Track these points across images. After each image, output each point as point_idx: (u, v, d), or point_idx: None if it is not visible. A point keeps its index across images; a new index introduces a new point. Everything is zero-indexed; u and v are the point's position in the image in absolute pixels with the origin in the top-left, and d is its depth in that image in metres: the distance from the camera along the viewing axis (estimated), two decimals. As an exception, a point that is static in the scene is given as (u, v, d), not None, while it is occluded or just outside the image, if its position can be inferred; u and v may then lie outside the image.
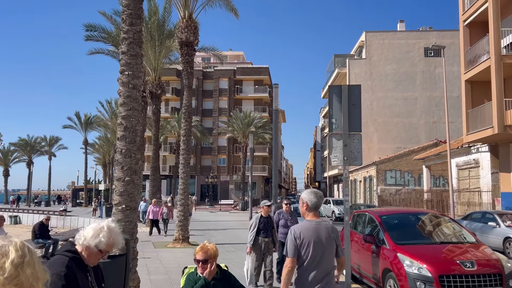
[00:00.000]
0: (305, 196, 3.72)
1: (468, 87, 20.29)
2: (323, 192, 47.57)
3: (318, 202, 3.71)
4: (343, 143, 7.70)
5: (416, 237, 7.44)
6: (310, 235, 3.51)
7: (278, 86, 15.99)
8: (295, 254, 3.50)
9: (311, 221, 3.62)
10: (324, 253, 3.52)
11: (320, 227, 3.59)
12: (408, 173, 35.19)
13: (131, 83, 7.04)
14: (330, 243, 3.57)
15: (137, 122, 7.09)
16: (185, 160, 14.81)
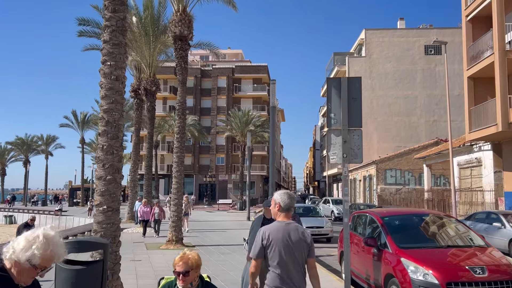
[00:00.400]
0: (278, 196, 3.66)
1: (471, 84, 19.78)
2: (322, 192, 47.29)
3: (291, 203, 3.65)
4: (343, 139, 7.19)
5: (421, 240, 6.93)
6: (279, 236, 3.46)
7: (275, 82, 15.45)
8: (259, 255, 3.46)
9: (281, 222, 3.57)
10: (293, 254, 3.47)
11: (289, 228, 3.53)
12: (408, 172, 34.70)
13: (113, 74, 6.53)
14: (300, 245, 3.51)
15: (120, 117, 6.58)
16: (179, 158, 14.29)
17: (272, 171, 14.90)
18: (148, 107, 21.44)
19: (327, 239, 16.58)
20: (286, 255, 3.44)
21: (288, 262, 3.44)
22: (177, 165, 14.29)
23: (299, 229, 3.59)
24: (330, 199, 33.33)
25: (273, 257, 3.44)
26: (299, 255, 3.49)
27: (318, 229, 16.23)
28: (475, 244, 6.78)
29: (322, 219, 17.23)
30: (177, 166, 14.29)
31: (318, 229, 16.22)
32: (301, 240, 3.51)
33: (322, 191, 75.12)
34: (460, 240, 6.99)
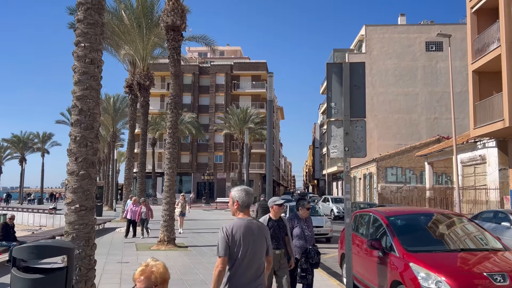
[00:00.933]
0: (236, 194, 3.59)
1: (476, 78, 19.09)
2: (322, 190, 46.50)
3: (249, 200, 3.60)
4: (344, 131, 6.51)
5: (431, 242, 6.24)
6: (243, 233, 3.43)
7: (272, 76, 14.76)
8: (226, 253, 3.39)
9: (243, 219, 3.52)
10: (256, 252, 3.47)
11: (252, 225, 3.52)
12: (409, 170, 34.03)
13: (88, 57, 5.83)
14: (262, 242, 3.54)
15: (96, 105, 5.88)
16: (171, 154, 13.60)
17: (269, 167, 14.22)
18: (142, 103, 20.72)
19: (327, 239, 15.90)
20: (249, 252, 3.41)
21: (250, 259, 3.41)
22: (169, 161, 13.60)
23: (260, 226, 3.58)
24: (329, 197, 32.64)
25: (235, 254, 3.38)
26: (260, 252, 3.50)
27: (317, 228, 15.52)
28: (492, 247, 6.10)
29: (321, 218, 16.54)
30: (169, 163, 13.60)
31: (317, 229, 15.51)
32: (262, 237, 3.54)
33: (322, 190, 74.46)
34: (474, 242, 6.30)
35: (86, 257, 5.62)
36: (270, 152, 14.36)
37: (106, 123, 42.94)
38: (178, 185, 59.30)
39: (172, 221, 13.51)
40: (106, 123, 42.94)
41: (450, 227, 6.75)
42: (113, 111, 40.43)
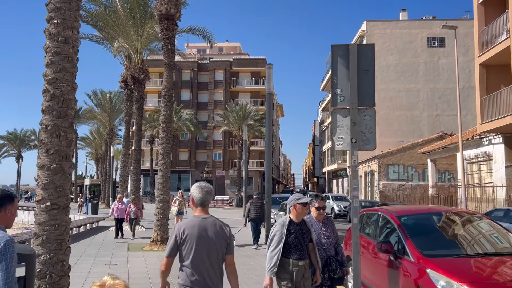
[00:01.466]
0: (191, 190, 3.46)
1: (483, 71, 18.39)
2: (322, 188, 45.81)
3: (205, 197, 3.43)
4: (351, 121, 5.82)
5: (449, 245, 5.56)
6: (195, 232, 3.28)
7: (271, 67, 14.10)
8: (171, 253, 3.28)
9: (197, 217, 3.38)
10: (210, 251, 3.29)
11: (206, 223, 3.35)
12: (411, 167, 33.38)
13: (61, 36, 5.13)
14: (218, 240, 3.34)
15: (70, 90, 5.18)
16: (164, 150, 12.92)
17: (268, 162, 13.59)
18: (137, 97, 20.00)
19: (328, 238, 15.22)
20: (202, 252, 3.25)
21: (204, 260, 3.26)
22: (162, 157, 12.92)
23: (217, 224, 3.39)
24: (330, 195, 32.01)
25: (187, 254, 3.23)
26: (216, 251, 3.32)
27: (319, 227, 14.87)
28: (518, 250, 5.42)
29: (322, 217, 15.86)
30: (162, 158, 12.92)
31: (319, 228, 14.86)
32: (219, 236, 3.34)
33: (322, 187, 73.82)
34: (498, 245, 5.62)
35: (58, 263, 4.94)
36: (269, 147, 13.69)
37: (102, 120, 42.25)
38: (176, 182, 58.66)
39: (165, 220, 12.85)
40: (102, 120, 42.25)
41: (468, 227, 6.06)
42: (110, 108, 39.73)
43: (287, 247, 4.54)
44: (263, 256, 11.07)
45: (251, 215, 12.89)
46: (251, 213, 12.92)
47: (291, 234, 4.56)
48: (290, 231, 4.58)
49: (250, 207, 13.15)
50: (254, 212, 12.87)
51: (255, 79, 57.74)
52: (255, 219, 12.82)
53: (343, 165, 48.22)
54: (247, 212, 13.21)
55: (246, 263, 10.23)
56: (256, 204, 13.05)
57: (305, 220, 4.80)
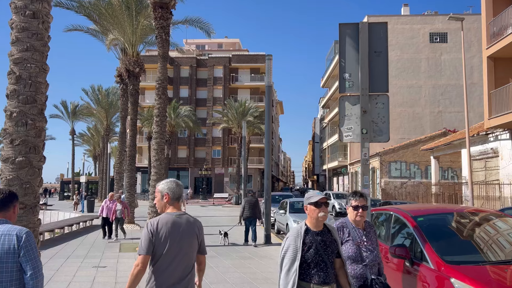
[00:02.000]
0: (165, 186, 3.23)
1: (491, 64, 17.70)
2: (322, 186, 45.00)
3: (181, 192, 3.27)
4: (361, 109, 5.15)
5: (473, 250, 4.89)
6: (169, 229, 3.07)
7: (271, 58, 13.41)
8: (148, 250, 3.03)
9: (171, 213, 3.17)
10: (183, 250, 3.11)
11: (181, 220, 3.16)
12: (414, 164, 32.72)
13: (29, 9, 4.46)
14: (192, 239, 3.17)
15: (40, 72, 4.51)
16: (158, 145, 12.25)
17: (268, 159, 12.94)
18: (131, 91, 19.29)
19: (330, 238, 14.57)
20: (175, 250, 3.10)
21: (177, 257, 3.10)
22: (156, 153, 12.26)
23: (191, 222, 3.23)
24: (331, 193, 31.34)
25: (160, 251, 3.06)
26: (189, 250, 3.17)
27: (320, 227, 14.23)
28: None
29: (324, 216, 15.21)
30: (156, 154, 12.26)
31: (320, 227, 14.21)
32: (193, 234, 3.20)
33: (322, 185, 73.19)
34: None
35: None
36: (268, 143, 13.04)
37: (100, 116, 41.55)
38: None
39: (159, 219, 12.19)
40: (100, 116, 41.55)
41: (494, 229, 5.40)
42: (107, 104, 39.01)
43: (305, 267, 3.30)
44: (262, 258, 10.40)
45: (246, 213, 12.71)
46: (246, 212, 12.73)
47: (309, 249, 3.30)
48: (307, 243, 3.32)
49: (244, 206, 12.90)
50: (249, 211, 12.67)
51: (254, 76, 57.01)
52: (249, 217, 12.65)
53: (343, 162, 47.57)
54: (242, 211, 12.97)
55: (243, 265, 9.58)
56: (251, 202, 12.82)
57: (329, 227, 3.50)
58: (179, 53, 61.50)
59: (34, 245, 2.70)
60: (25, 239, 2.65)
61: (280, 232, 16.74)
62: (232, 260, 10.16)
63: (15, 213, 2.85)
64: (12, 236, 2.65)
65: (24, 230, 2.70)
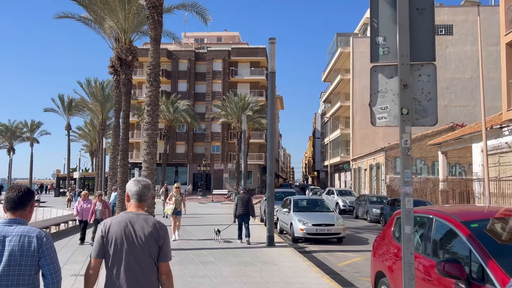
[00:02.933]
0: (127, 185, 3.05)
1: (510, 52, 16.49)
2: (322, 182, 43.60)
3: (141, 191, 2.95)
4: (400, 82, 3.94)
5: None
6: (120, 230, 2.78)
7: (275, 42, 12.20)
8: (99, 253, 2.79)
9: (127, 213, 2.90)
10: (137, 254, 2.75)
11: (136, 220, 2.83)
12: (420, 160, 31.55)
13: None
14: (149, 242, 2.79)
15: None
16: (150, 137, 11.05)
17: (271, 152, 11.77)
18: (124, 81, 18.06)
19: (338, 239, 13.40)
20: (127, 255, 2.75)
21: (130, 264, 2.74)
22: (147, 146, 11.06)
23: (149, 222, 2.84)
24: (334, 189, 30.20)
25: (112, 255, 2.75)
26: (145, 255, 2.77)
27: (328, 227, 13.05)
28: None
29: (332, 214, 14.03)
30: (147, 147, 11.06)
31: (328, 227, 13.04)
32: (150, 237, 2.79)
33: (322, 181, 72.07)
34: None
35: None
36: (271, 134, 11.85)
37: (95, 110, 40.31)
38: (173, 176, 56.84)
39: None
40: (95, 110, 40.31)
41: None
42: (102, 97, 37.76)
43: None
44: (265, 264, 9.21)
45: (239, 211, 12.45)
46: (239, 209, 12.46)
47: None
48: None
49: (237, 203, 12.59)
50: (242, 208, 12.42)
51: (254, 69, 55.71)
52: (242, 214, 12.39)
53: (346, 158, 46.42)
54: (235, 208, 12.63)
55: (244, 273, 8.39)
56: (243, 199, 12.55)
57: None
58: (177, 46, 60.20)
59: (54, 247, 2.67)
60: (45, 241, 2.61)
61: (283, 232, 15.57)
62: (231, 266, 8.98)
63: (31, 212, 2.75)
64: (32, 238, 2.59)
65: (43, 232, 2.66)
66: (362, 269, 9.52)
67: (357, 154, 41.49)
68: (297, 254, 10.48)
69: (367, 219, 22.03)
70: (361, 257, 10.96)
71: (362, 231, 17.24)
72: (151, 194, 3.08)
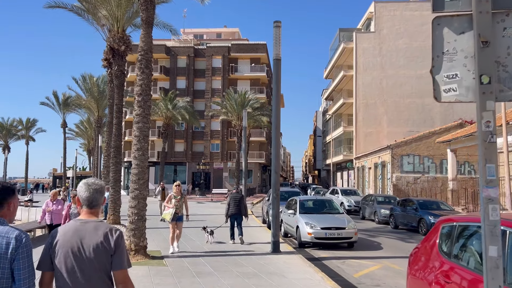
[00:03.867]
0: (77, 188, 2.78)
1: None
2: (324, 181, 42.14)
3: (91, 197, 2.69)
4: (478, 38, 2.73)
5: None
6: (68, 240, 2.55)
7: (280, 25, 11.01)
8: (45, 266, 2.56)
9: (76, 221, 2.66)
10: (85, 266, 2.50)
11: (85, 228, 2.58)
12: (428, 158, 30.36)
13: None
14: (98, 252, 2.53)
15: None
16: (140, 131, 9.85)
17: (276, 147, 10.60)
18: (116, 72, 16.85)
19: (349, 243, 12.21)
20: (75, 266, 2.51)
21: (78, 276, 2.50)
22: (138, 140, 9.85)
23: (100, 230, 2.58)
24: (338, 189, 29.02)
25: (57, 268, 2.53)
26: (94, 266, 2.52)
27: (338, 230, 11.85)
28: None
29: (342, 217, 12.83)
30: (138, 142, 9.85)
31: (338, 231, 11.84)
32: (99, 248, 2.53)
33: (324, 180, 70.87)
34: None
35: None
36: (276, 128, 10.69)
37: (90, 107, 39.10)
38: (172, 175, 55.64)
39: (142, 222, 9.78)
40: (90, 107, 39.10)
41: None
42: (98, 93, 36.53)
43: None
44: (271, 275, 7.96)
45: (231, 210, 12.15)
46: (231, 208, 12.16)
47: None
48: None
49: (229, 202, 12.29)
50: (234, 207, 12.13)
51: (255, 66, 54.48)
52: (234, 214, 12.11)
53: (348, 156, 45.25)
54: (227, 208, 12.29)
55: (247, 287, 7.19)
56: (236, 198, 12.28)
57: None
58: (175, 43, 58.99)
59: (31, 252, 2.49)
60: (24, 243, 2.44)
61: (287, 235, 14.37)
62: (232, 278, 7.78)
63: (10, 210, 2.55)
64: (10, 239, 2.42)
65: (24, 233, 2.48)
66: (382, 280, 8.34)
67: (361, 152, 40.32)
68: (307, 263, 9.28)
69: (375, 220, 20.86)
70: (378, 265, 9.77)
71: (373, 234, 16.06)
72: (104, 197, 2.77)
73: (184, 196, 10.71)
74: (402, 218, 17.95)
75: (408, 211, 17.64)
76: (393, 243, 13.84)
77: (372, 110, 42.05)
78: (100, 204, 2.74)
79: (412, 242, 14.32)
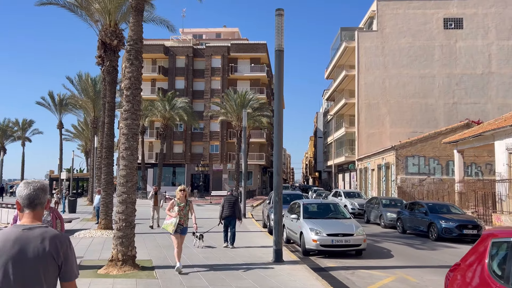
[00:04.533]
0: (16, 191, 2.51)
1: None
2: (325, 183, 40.89)
3: (33, 195, 2.35)
4: None
5: None
6: (7, 249, 2.20)
7: (283, 14, 10.09)
8: None
9: (18, 227, 2.29)
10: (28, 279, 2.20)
11: (27, 236, 2.25)
12: (434, 159, 29.42)
13: None
14: (42, 265, 2.23)
15: None
16: (129, 129, 8.91)
17: (278, 148, 9.67)
18: (108, 68, 15.92)
19: (357, 251, 11.26)
20: (18, 278, 2.18)
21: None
22: (126, 139, 8.91)
23: (47, 238, 2.27)
24: (342, 191, 28.10)
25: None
26: (38, 279, 2.21)
27: (346, 237, 10.89)
28: None
29: (350, 222, 11.87)
30: (126, 141, 8.92)
31: (346, 238, 10.88)
32: (44, 258, 2.24)
33: (325, 182, 69.92)
34: None
35: None
36: (279, 125, 9.76)
37: (86, 107, 38.15)
38: (171, 177, 54.71)
39: (130, 230, 8.84)
40: (86, 107, 38.15)
41: None
42: (93, 93, 35.62)
43: None
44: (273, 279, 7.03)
45: (225, 213, 11.93)
46: (225, 211, 11.94)
47: None
48: None
49: (224, 204, 12.09)
50: (228, 210, 11.91)
51: (254, 66, 53.61)
52: (228, 217, 11.88)
53: (350, 158, 44.30)
54: (221, 210, 12.11)
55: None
56: (230, 201, 12.07)
57: None
58: (174, 42, 58.12)
59: None
60: None
61: (290, 241, 13.42)
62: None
63: None
64: None
65: None
66: (398, 296, 7.41)
67: (363, 153, 39.39)
68: (313, 274, 8.33)
69: (380, 224, 19.92)
70: (392, 277, 8.83)
71: (380, 239, 15.11)
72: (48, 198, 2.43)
73: (189, 202, 8.65)
74: (411, 222, 17.02)
75: (416, 215, 16.71)
76: (403, 250, 12.91)
77: (375, 110, 41.14)
78: (44, 204, 2.40)
79: (424, 248, 13.39)
